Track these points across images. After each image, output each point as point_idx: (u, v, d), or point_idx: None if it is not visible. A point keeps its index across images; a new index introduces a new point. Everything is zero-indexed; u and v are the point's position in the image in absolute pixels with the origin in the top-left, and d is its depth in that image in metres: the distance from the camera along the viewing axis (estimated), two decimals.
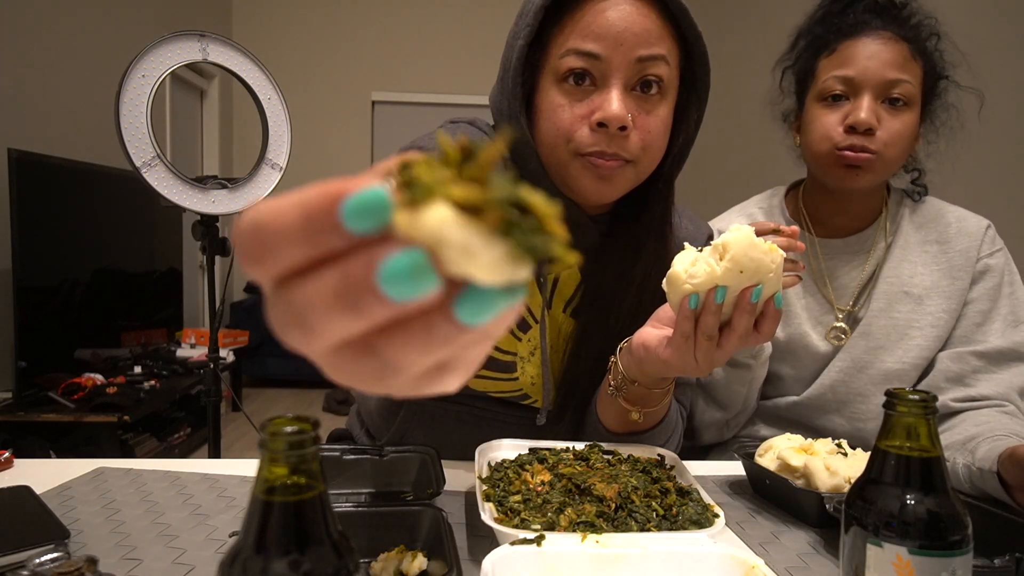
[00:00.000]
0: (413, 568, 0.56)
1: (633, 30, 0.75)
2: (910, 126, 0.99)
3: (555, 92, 0.79)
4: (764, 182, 1.01)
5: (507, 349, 0.90)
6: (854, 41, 0.99)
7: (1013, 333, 1.00)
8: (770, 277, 0.65)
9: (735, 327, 0.67)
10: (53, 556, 0.56)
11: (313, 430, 0.35)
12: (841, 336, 1.06)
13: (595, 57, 0.76)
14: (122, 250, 3.24)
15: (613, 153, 0.77)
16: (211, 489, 0.78)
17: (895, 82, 0.97)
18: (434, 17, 5.41)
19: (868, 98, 0.97)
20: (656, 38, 0.76)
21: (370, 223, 0.21)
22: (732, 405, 1.03)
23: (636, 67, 0.76)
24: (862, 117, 0.96)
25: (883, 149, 0.98)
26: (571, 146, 0.78)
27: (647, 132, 0.78)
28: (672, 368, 0.72)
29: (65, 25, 3.15)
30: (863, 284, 1.07)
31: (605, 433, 0.88)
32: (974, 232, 1.05)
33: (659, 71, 0.77)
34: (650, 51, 0.76)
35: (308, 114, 5.20)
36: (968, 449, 0.85)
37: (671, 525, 0.65)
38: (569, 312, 0.92)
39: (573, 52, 0.76)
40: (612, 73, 0.76)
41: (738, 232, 0.64)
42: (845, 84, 0.99)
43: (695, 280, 0.66)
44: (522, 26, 0.79)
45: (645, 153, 0.79)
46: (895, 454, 0.50)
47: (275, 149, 1.76)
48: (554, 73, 0.79)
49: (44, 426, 2.48)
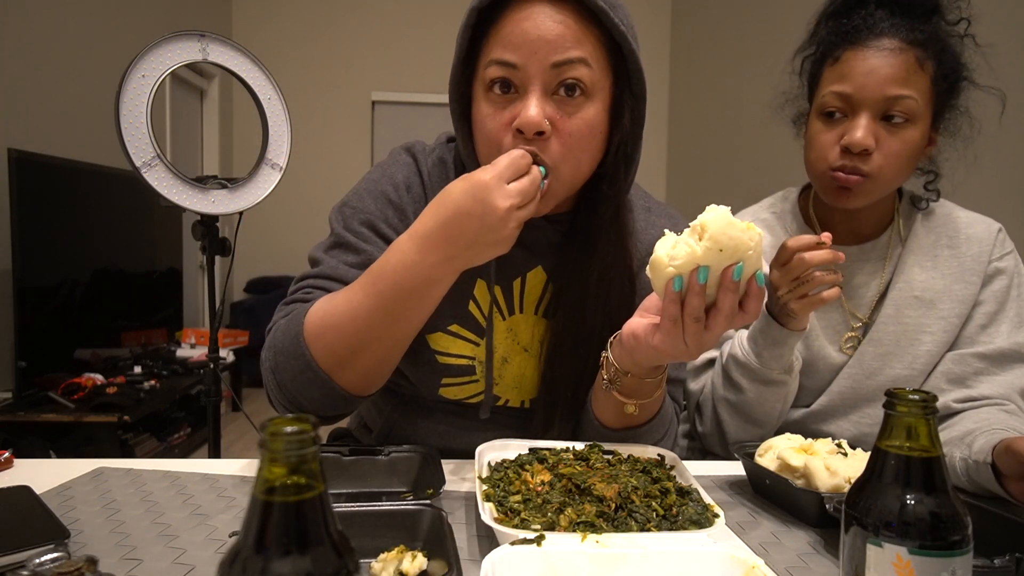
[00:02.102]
0: (413, 568, 0.56)
1: (546, 37, 0.77)
2: (911, 143, 0.95)
3: (484, 102, 0.82)
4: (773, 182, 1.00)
5: (466, 354, 0.92)
6: (856, 51, 0.95)
7: (1017, 334, 0.99)
8: (750, 255, 0.66)
9: (721, 307, 0.68)
10: (53, 556, 0.56)
11: (313, 430, 0.35)
12: (856, 344, 1.05)
13: (512, 66, 0.78)
14: (122, 250, 3.24)
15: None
16: (211, 489, 0.78)
17: (895, 99, 0.93)
18: (434, 17, 5.41)
19: (865, 117, 0.94)
20: (572, 42, 0.77)
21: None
22: (769, 421, 1.01)
23: (552, 73, 0.77)
24: (857, 138, 0.93)
25: (878, 171, 0.95)
26: (499, 154, 0.78)
27: (568, 135, 0.79)
28: (663, 354, 0.73)
29: (65, 25, 3.15)
30: (881, 292, 1.05)
31: (602, 430, 0.88)
32: (985, 235, 1.04)
33: (577, 74, 0.78)
34: (565, 56, 0.77)
35: (308, 114, 5.20)
36: (965, 443, 0.86)
37: (671, 525, 0.64)
38: (540, 313, 0.93)
39: (494, 62, 0.79)
40: (530, 80, 0.78)
41: (715, 212, 0.65)
42: (843, 101, 0.96)
43: (677, 262, 0.67)
44: (456, 47, 0.83)
45: (567, 156, 0.79)
46: (895, 454, 0.50)
47: (275, 149, 1.75)
48: (482, 83, 0.82)
49: (44, 426, 2.48)
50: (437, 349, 0.91)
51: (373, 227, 0.90)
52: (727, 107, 4.52)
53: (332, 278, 0.87)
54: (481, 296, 0.91)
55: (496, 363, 0.92)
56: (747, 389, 0.99)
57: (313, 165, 5.16)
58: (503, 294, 0.92)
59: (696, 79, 5.18)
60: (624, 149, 0.86)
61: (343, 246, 0.90)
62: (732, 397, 1.02)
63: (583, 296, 0.89)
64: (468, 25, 0.82)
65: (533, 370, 0.94)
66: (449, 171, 0.94)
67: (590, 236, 0.89)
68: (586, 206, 0.90)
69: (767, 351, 0.96)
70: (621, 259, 0.90)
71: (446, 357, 0.92)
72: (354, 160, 5.43)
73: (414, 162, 0.94)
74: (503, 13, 0.80)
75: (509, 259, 0.86)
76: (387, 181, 0.92)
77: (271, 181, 1.75)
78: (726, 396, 1.02)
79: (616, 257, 0.90)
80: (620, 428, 0.87)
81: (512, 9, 0.79)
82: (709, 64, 4.93)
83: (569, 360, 0.90)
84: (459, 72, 0.85)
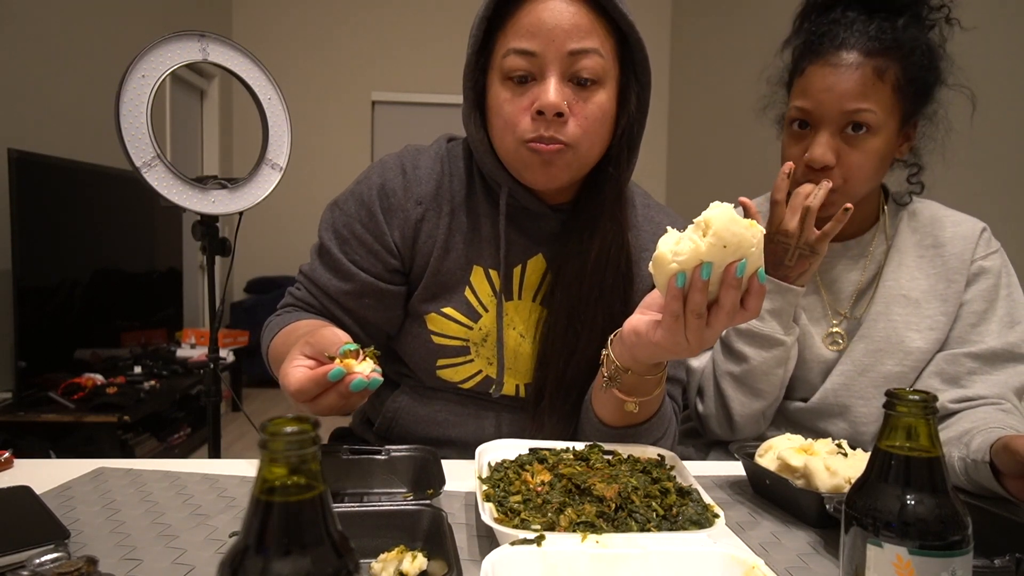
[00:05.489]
0: (413, 568, 0.56)
1: (563, 26, 0.82)
2: (874, 152, 0.97)
3: (501, 89, 0.87)
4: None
5: (460, 336, 0.96)
6: (816, 67, 0.97)
7: (1008, 334, 1.00)
8: (752, 252, 0.67)
9: (722, 304, 0.69)
10: (53, 556, 0.56)
11: (313, 430, 0.35)
12: (838, 341, 1.07)
13: (531, 54, 0.83)
14: (122, 250, 3.24)
15: (551, 137, 0.84)
16: (211, 489, 0.78)
17: (854, 112, 0.94)
18: (434, 17, 5.41)
19: (825, 134, 0.96)
20: (586, 32, 0.83)
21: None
22: (770, 391, 1.03)
23: (568, 60, 0.83)
24: (816, 156, 0.96)
25: (842, 184, 0.97)
26: (516, 135, 0.85)
27: (584, 118, 0.85)
28: (664, 350, 0.74)
29: (65, 25, 3.16)
30: (862, 288, 1.08)
31: (602, 428, 0.89)
32: (969, 235, 1.05)
33: (590, 64, 0.83)
34: (580, 45, 0.83)
35: (308, 114, 5.19)
36: (963, 443, 0.86)
37: (671, 525, 0.65)
38: (539, 300, 0.96)
39: (513, 51, 0.84)
40: (547, 66, 0.83)
41: (719, 208, 0.66)
42: (805, 115, 0.99)
43: (680, 258, 0.67)
44: (471, 37, 0.88)
45: (584, 137, 0.85)
46: (895, 454, 0.50)
47: (275, 149, 1.75)
48: (499, 72, 0.86)
49: (44, 426, 2.48)
50: (433, 330, 0.95)
51: (352, 231, 0.94)
52: (727, 105, 4.52)
53: (313, 282, 0.97)
54: (477, 283, 0.95)
55: (492, 347, 0.96)
56: (750, 356, 1.01)
57: (313, 165, 5.16)
58: (502, 280, 0.95)
59: (696, 78, 5.18)
60: (629, 133, 0.90)
61: (322, 249, 0.97)
62: (735, 368, 1.03)
63: (580, 276, 0.92)
64: (484, 16, 0.86)
65: (529, 355, 0.96)
66: (456, 163, 0.97)
67: (592, 217, 0.92)
68: (589, 190, 0.94)
69: (767, 311, 0.99)
70: (619, 243, 0.93)
71: (440, 338, 0.95)
72: (354, 160, 5.42)
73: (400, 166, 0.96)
74: (519, 5, 0.85)
75: (510, 246, 0.94)
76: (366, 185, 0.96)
77: (271, 181, 1.75)
78: (729, 369, 1.04)
79: (614, 240, 0.92)
80: (620, 426, 0.88)
81: (527, 2, 0.84)
82: (709, 63, 4.93)
83: (562, 340, 0.93)
84: (474, 61, 0.89)
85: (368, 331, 0.98)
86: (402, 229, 0.94)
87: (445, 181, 0.96)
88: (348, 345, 0.70)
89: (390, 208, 0.94)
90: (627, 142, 0.91)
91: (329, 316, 0.97)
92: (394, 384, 1.02)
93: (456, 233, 0.95)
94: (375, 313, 0.96)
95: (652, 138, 5.44)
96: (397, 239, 0.94)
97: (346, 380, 0.68)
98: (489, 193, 0.96)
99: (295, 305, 1.00)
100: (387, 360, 1.04)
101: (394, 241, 0.94)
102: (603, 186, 0.92)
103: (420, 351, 0.97)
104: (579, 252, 0.92)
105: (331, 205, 0.98)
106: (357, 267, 0.94)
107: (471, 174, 0.97)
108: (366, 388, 0.69)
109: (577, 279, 0.92)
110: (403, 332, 0.99)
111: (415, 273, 0.96)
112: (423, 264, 0.95)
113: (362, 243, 0.94)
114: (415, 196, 0.94)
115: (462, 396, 0.99)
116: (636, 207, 1.01)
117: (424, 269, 0.95)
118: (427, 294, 0.95)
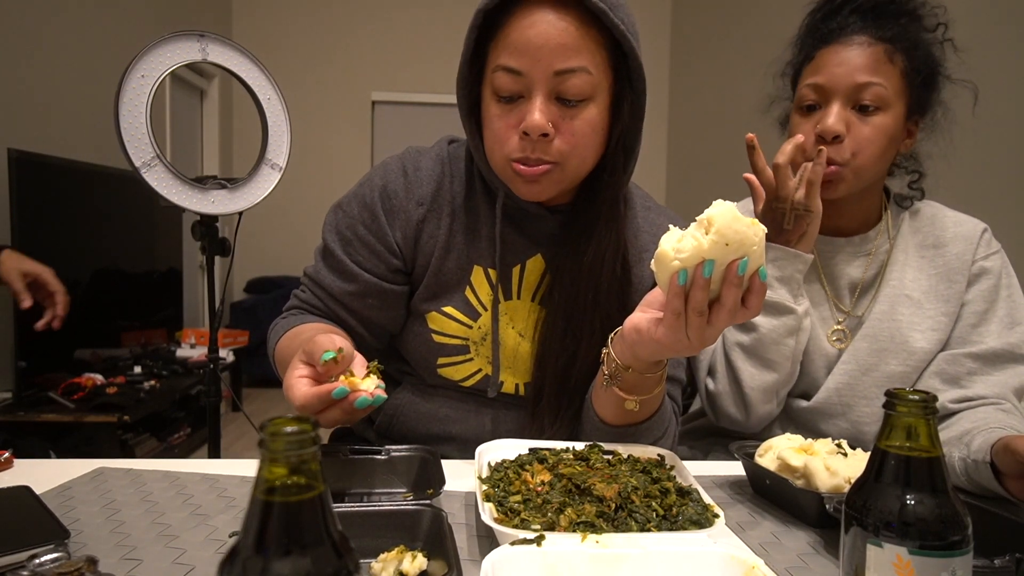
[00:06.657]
0: (413, 568, 0.56)
1: (550, 45, 0.80)
2: (883, 129, 0.98)
3: (491, 103, 0.86)
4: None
5: (459, 335, 0.96)
6: (828, 48, 1.01)
7: (1008, 334, 1.00)
8: (754, 250, 0.67)
9: (724, 302, 0.69)
10: (53, 556, 0.56)
11: (313, 430, 0.35)
12: (842, 338, 1.07)
13: (517, 72, 0.82)
14: (122, 250, 3.24)
15: (537, 158, 0.84)
16: (211, 489, 0.78)
17: (864, 86, 0.97)
18: (434, 17, 5.41)
19: (837, 105, 0.99)
20: (573, 51, 0.81)
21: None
22: (781, 363, 1.01)
23: (555, 80, 0.82)
24: (828, 124, 0.98)
25: (851, 159, 0.98)
26: (504, 152, 0.86)
27: (571, 135, 0.84)
28: (665, 348, 0.74)
29: (65, 25, 3.15)
30: (865, 285, 1.08)
31: (603, 427, 0.89)
32: (969, 235, 1.06)
33: (578, 83, 0.82)
34: (567, 64, 0.81)
35: (308, 114, 5.19)
36: (964, 443, 0.86)
37: (671, 525, 0.65)
38: (538, 300, 0.97)
39: (500, 68, 0.83)
40: (534, 86, 0.82)
41: (722, 206, 0.66)
42: (817, 92, 1.01)
43: (683, 255, 0.67)
44: (463, 49, 0.87)
45: (572, 153, 0.85)
46: (895, 454, 0.50)
47: (275, 149, 1.75)
48: (490, 86, 0.86)
49: (44, 426, 2.48)
50: (433, 328, 0.96)
51: (355, 232, 0.95)
52: (727, 105, 4.52)
53: (317, 283, 0.98)
54: (477, 282, 0.96)
55: (476, 340, 0.96)
56: (760, 324, 1.01)
57: (313, 165, 5.16)
58: (502, 280, 0.95)
59: (696, 77, 5.18)
60: (624, 141, 0.90)
61: (326, 251, 0.98)
62: (745, 338, 1.03)
63: (576, 277, 0.92)
64: (474, 26, 0.86)
65: (528, 354, 0.97)
66: (457, 164, 0.98)
67: (588, 221, 0.93)
68: (586, 195, 0.94)
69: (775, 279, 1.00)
70: (615, 245, 0.93)
71: (441, 336, 0.96)
72: (354, 160, 5.42)
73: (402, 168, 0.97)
74: (508, 18, 0.83)
75: (510, 247, 0.95)
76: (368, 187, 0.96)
77: (271, 181, 1.75)
78: (739, 339, 1.04)
79: (610, 242, 0.93)
80: (621, 425, 0.88)
81: (517, 15, 0.82)
82: (709, 63, 4.93)
83: (560, 340, 0.93)
84: (466, 72, 0.89)
85: (372, 331, 0.99)
86: (404, 230, 0.94)
87: (446, 182, 0.96)
88: (327, 354, 0.70)
89: (392, 209, 0.94)
90: (623, 149, 0.91)
91: (333, 317, 0.98)
92: (395, 381, 1.03)
93: (457, 233, 0.95)
94: (378, 313, 0.97)
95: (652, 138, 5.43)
96: (399, 239, 0.95)
97: (350, 398, 0.68)
98: (489, 194, 0.96)
99: (300, 307, 1.00)
100: (389, 358, 1.04)
101: (396, 242, 0.94)
102: (598, 193, 0.92)
103: (421, 349, 0.97)
104: (575, 253, 0.93)
105: (334, 207, 0.98)
106: (360, 268, 0.95)
107: (471, 176, 0.97)
108: (370, 405, 0.69)
109: (573, 281, 0.92)
110: (404, 330, 1.00)
111: (417, 273, 0.97)
112: (424, 264, 0.96)
113: (365, 244, 0.95)
114: (416, 197, 0.95)
115: (463, 393, 0.99)
116: (636, 209, 1.01)
117: (425, 269, 0.95)
118: (428, 293, 0.96)
